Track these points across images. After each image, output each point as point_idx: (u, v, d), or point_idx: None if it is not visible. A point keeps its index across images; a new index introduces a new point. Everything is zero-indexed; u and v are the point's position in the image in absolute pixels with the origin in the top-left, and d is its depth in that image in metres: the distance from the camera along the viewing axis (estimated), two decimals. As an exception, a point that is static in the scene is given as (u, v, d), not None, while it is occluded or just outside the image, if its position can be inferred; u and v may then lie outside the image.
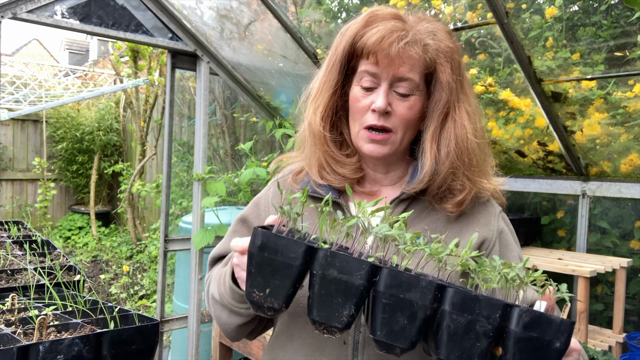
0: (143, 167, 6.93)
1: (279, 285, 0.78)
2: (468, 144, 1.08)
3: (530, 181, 3.06)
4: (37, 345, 1.27)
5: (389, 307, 0.75)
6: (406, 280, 0.75)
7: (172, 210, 4.10)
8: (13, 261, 2.03)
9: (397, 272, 0.76)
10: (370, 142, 1.09)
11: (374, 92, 1.08)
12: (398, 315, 0.75)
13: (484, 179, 1.13)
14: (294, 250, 0.77)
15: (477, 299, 0.74)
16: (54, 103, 7.27)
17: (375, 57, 1.05)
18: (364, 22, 1.08)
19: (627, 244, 2.82)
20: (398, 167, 1.18)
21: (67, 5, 2.72)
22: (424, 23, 1.09)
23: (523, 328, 0.72)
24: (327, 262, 0.76)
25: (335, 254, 0.76)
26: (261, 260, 0.78)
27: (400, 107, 1.07)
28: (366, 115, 1.08)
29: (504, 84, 2.63)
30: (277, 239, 0.78)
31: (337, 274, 0.76)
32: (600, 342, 2.50)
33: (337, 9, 3.25)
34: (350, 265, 0.75)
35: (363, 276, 0.75)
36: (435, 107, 1.09)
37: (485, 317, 0.73)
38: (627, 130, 2.49)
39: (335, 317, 0.77)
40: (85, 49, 18.90)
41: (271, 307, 0.80)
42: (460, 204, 1.09)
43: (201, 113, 3.34)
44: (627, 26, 2.19)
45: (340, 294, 0.76)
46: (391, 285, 0.75)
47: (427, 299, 0.74)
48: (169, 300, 4.70)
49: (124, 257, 7.12)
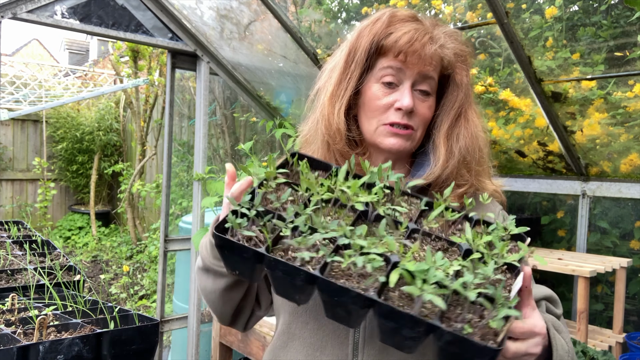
0: (143, 167, 6.93)
1: (245, 268, 0.87)
2: (480, 141, 1.13)
3: (530, 181, 3.06)
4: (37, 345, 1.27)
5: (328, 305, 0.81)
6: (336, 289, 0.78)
7: (172, 210, 4.10)
8: (13, 261, 2.03)
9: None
10: (393, 136, 1.10)
11: (395, 90, 1.10)
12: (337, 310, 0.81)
13: (486, 179, 1.16)
14: (247, 253, 0.83)
15: (401, 315, 0.74)
16: (54, 103, 7.27)
17: (405, 56, 1.07)
18: (386, 22, 1.09)
19: (627, 244, 2.82)
20: (402, 164, 1.19)
21: (67, 5, 2.72)
22: (440, 27, 1.12)
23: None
24: (270, 266, 0.82)
25: (277, 261, 0.80)
26: (225, 256, 0.88)
27: (422, 106, 1.11)
28: (387, 113, 1.10)
29: (504, 84, 2.63)
30: (231, 244, 0.84)
31: (282, 275, 0.81)
32: (600, 342, 2.50)
33: (337, 9, 3.25)
34: (289, 271, 0.80)
35: (303, 279, 0.79)
36: (451, 105, 1.13)
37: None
38: (627, 130, 2.49)
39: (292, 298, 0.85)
40: (85, 49, 18.90)
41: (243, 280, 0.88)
42: (461, 197, 1.12)
43: (201, 113, 3.34)
44: (627, 26, 2.19)
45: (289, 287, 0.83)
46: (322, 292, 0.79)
47: (359, 305, 0.77)
48: (169, 300, 4.70)
49: (124, 257, 7.12)
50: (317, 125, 1.16)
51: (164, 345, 4.33)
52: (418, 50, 1.06)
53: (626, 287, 2.60)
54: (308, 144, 1.21)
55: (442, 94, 1.15)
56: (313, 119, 1.18)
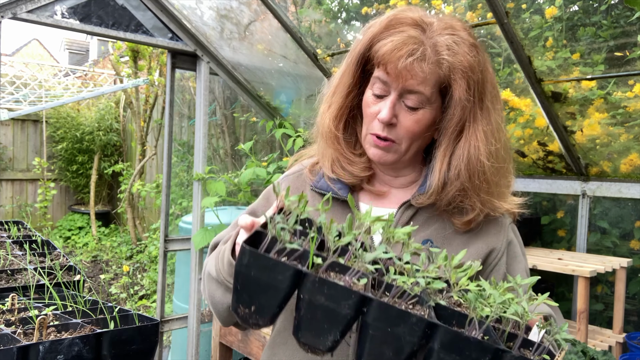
0: (143, 167, 6.93)
1: (265, 304, 0.76)
2: (480, 166, 1.03)
3: (530, 181, 3.06)
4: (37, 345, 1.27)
5: (376, 339, 0.73)
6: (395, 314, 0.72)
7: (172, 210, 4.10)
8: (13, 261, 2.03)
9: (386, 305, 0.73)
10: (374, 147, 1.09)
11: (384, 100, 1.06)
12: (384, 347, 0.73)
13: (499, 200, 1.09)
14: (281, 272, 0.74)
15: (467, 341, 0.71)
16: (54, 103, 7.27)
17: (386, 67, 1.02)
18: (384, 26, 1.04)
19: (627, 244, 2.82)
20: (408, 172, 1.17)
21: (67, 5, 2.72)
22: (446, 34, 1.03)
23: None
24: (314, 288, 0.74)
25: (324, 281, 0.73)
26: (248, 279, 0.76)
27: (407, 119, 1.04)
28: (373, 122, 1.08)
29: (504, 84, 2.63)
30: (265, 260, 0.75)
31: (325, 301, 0.73)
32: (600, 342, 2.50)
33: (337, 9, 3.25)
34: (338, 294, 0.73)
35: (351, 306, 0.73)
36: (448, 123, 1.05)
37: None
38: (627, 130, 2.49)
39: (320, 341, 0.75)
40: (85, 49, 18.90)
41: (256, 323, 0.78)
42: (468, 223, 1.08)
43: (201, 113, 3.34)
44: (627, 26, 2.19)
45: (327, 320, 0.74)
46: (379, 318, 0.72)
47: (416, 335, 0.72)
48: (169, 300, 4.70)
49: (124, 257, 7.12)
50: (316, 125, 1.18)
51: (164, 345, 4.33)
52: (394, 62, 1.00)
53: (626, 287, 2.60)
54: (315, 140, 1.22)
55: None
56: (321, 110, 1.18)
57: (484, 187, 1.05)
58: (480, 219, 1.08)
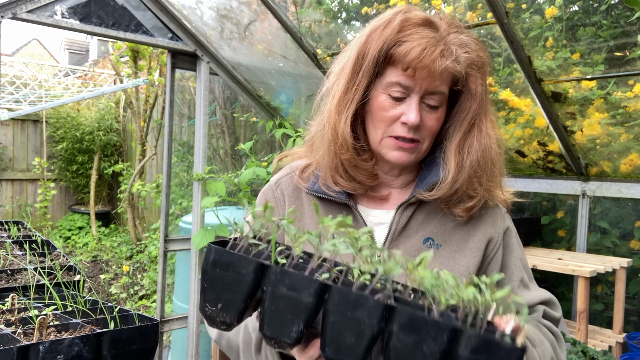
0: (143, 167, 6.93)
1: (231, 300, 0.79)
2: (492, 154, 1.08)
3: (530, 181, 3.06)
4: (37, 345, 1.27)
5: (337, 325, 0.75)
6: (353, 299, 0.75)
7: (172, 210, 4.10)
8: (13, 261, 2.03)
9: (344, 290, 0.75)
10: (398, 150, 1.07)
11: (403, 102, 1.05)
12: (346, 333, 0.75)
13: (498, 189, 1.13)
14: (244, 267, 0.77)
15: (424, 320, 0.73)
16: (54, 103, 7.26)
17: (414, 71, 1.02)
18: (397, 28, 1.03)
19: (627, 244, 2.82)
20: (410, 171, 1.17)
21: (67, 5, 2.72)
22: (455, 32, 1.05)
23: (470, 352, 0.71)
24: (276, 279, 0.76)
25: (285, 271, 0.76)
26: (213, 276, 0.79)
27: (429, 119, 1.06)
28: (394, 126, 1.06)
29: (504, 84, 2.63)
30: (229, 256, 0.78)
31: (286, 292, 0.76)
32: (600, 342, 2.50)
33: (337, 9, 3.25)
34: (299, 283, 0.76)
35: (312, 294, 0.75)
36: (464, 116, 1.08)
37: (432, 339, 0.72)
38: (627, 130, 2.49)
39: (284, 332, 0.77)
40: (85, 49, 18.90)
41: (224, 322, 0.81)
42: (470, 209, 1.10)
43: (201, 113, 3.34)
44: (627, 26, 2.19)
45: (290, 310, 0.76)
46: (338, 304, 0.75)
47: (375, 318, 0.74)
48: (169, 300, 4.70)
49: (124, 257, 7.12)
50: (323, 131, 1.12)
51: (164, 345, 4.33)
52: (428, 65, 1.00)
53: (626, 287, 2.60)
54: (315, 149, 1.17)
55: (456, 102, 1.10)
56: (320, 122, 1.14)
57: (490, 174, 1.09)
58: (480, 205, 1.10)
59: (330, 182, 1.12)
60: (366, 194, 1.17)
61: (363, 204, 1.17)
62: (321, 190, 1.14)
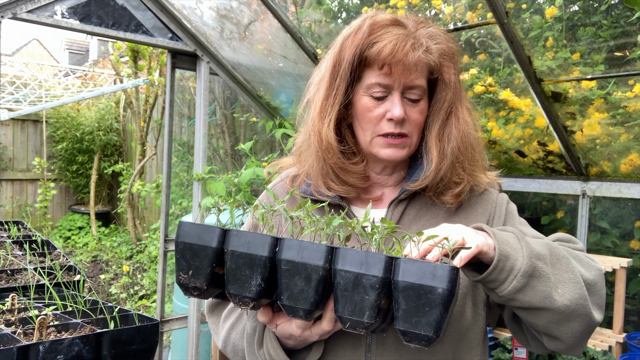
0: (143, 167, 6.93)
1: (199, 266, 0.89)
2: (471, 139, 1.13)
3: (530, 181, 3.06)
4: (37, 345, 1.27)
5: (288, 273, 0.84)
6: (298, 245, 0.84)
7: (172, 210, 4.10)
8: (13, 261, 2.03)
9: (292, 240, 0.85)
10: (388, 147, 1.11)
11: (385, 100, 1.09)
12: (296, 278, 0.84)
13: (481, 173, 1.17)
14: (209, 234, 0.89)
15: (361, 254, 0.81)
16: (54, 103, 7.26)
17: (390, 67, 1.06)
18: (367, 31, 1.07)
19: (627, 244, 2.82)
20: (401, 168, 1.20)
21: (67, 5, 2.72)
22: (422, 27, 1.10)
23: (404, 277, 0.78)
24: (235, 240, 0.87)
25: (242, 232, 0.87)
26: (184, 247, 0.90)
27: (413, 112, 1.10)
28: (381, 124, 1.10)
29: (504, 84, 2.63)
30: (196, 227, 0.90)
31: (244, 250, 0.86)
32: (600, 342, 2.50)
33: (337, 9, 3.25)
34: (254, 240, 0.86)
35: (265, 249, 0.85)
36: (441, 106, 1.12)
37: (372, 269, 0.80)
38: (627, 130, 2.49)
39: (245, 288, 0.87)
40: (85, 49, 18.89)
41: (195, 287, 0.90)
42: (458, 196, 1.13)
43: (201, 113, 3.34)
44: (627, 26, 2.19)
45: (247, 266, 0.86)
46: (286, 252, 0.84)
47: (319, 259, 0.82)
48: (169, 300, 4.70)
49: (124, 257, 7.12)
50: (309, 139, 1.15)
51: (164, 345, 4.33)
52: (402, 59, 1.05)
53: (626, 287, 2.60)
54: (303, 159, 1.20)
55: (433, 93, 1.14)
56: (305, 132, 1.18)
57: (472, 158, 1.13)
58: (467, 189, 1.14)
59: (322, 188, 1.15)
60: (359, 196, 1.19)
61: (357, 205, 1.19)
62: (314, 194, 1.17)
